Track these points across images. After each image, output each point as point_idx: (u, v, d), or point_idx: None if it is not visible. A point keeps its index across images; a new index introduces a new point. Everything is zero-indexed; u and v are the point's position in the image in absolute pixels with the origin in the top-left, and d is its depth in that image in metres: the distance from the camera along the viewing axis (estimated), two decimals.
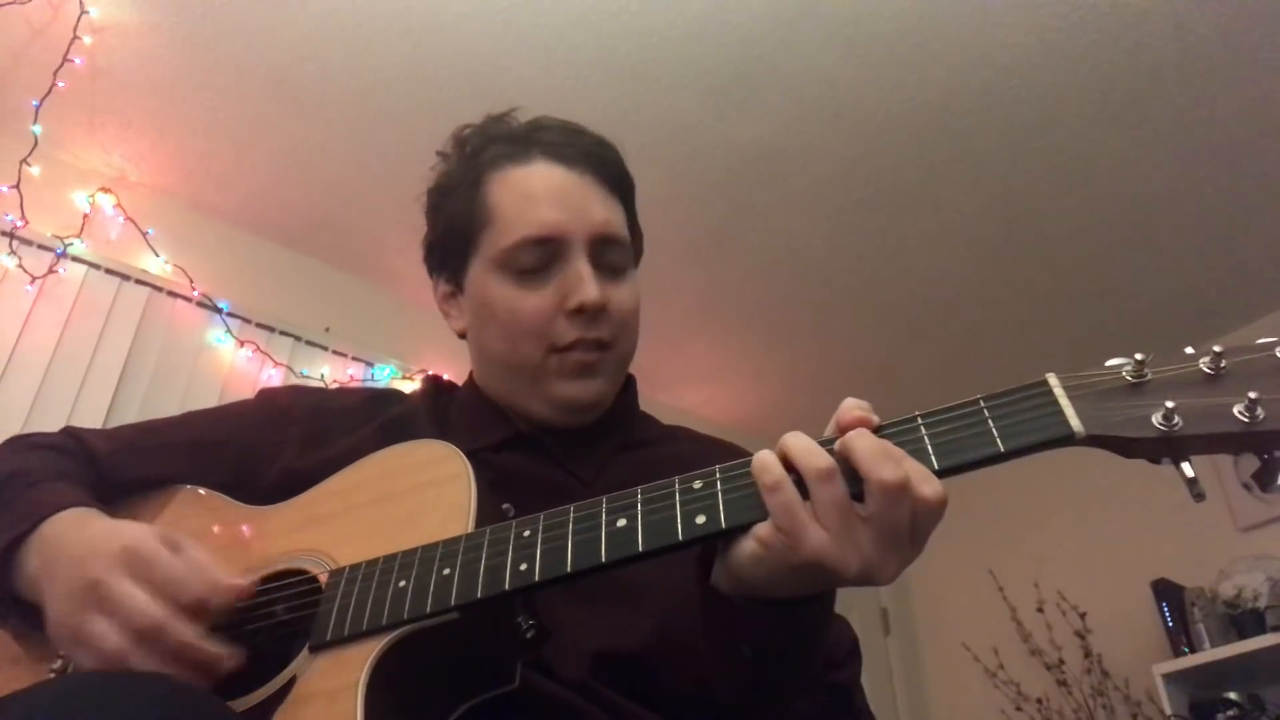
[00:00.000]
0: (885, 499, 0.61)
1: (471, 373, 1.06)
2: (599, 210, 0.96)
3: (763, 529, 0.63)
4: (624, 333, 0.97)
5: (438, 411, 1.03)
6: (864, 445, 0.62)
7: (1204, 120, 2.52)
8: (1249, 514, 3.07)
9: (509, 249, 0.93)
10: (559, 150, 0.97)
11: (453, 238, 0.99)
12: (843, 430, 0.65)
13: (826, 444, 0.64)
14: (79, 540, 0.77)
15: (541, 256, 0.93)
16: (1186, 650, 2.86)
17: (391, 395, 1.10)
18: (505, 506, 0.85)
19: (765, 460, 0.64)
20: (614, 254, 0.97)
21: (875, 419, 0.65)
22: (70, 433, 0.99)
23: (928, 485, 0.61)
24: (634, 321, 0.99)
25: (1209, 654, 2.78)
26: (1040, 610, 3.28)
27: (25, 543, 0.80)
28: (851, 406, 0.66)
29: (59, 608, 0.74)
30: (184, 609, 0.71)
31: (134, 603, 0.70)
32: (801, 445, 0.63)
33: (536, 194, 0.94)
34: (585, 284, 0.92)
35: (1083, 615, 3.20)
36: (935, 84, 2.45)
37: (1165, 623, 2.95)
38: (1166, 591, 2.98)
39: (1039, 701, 3.22)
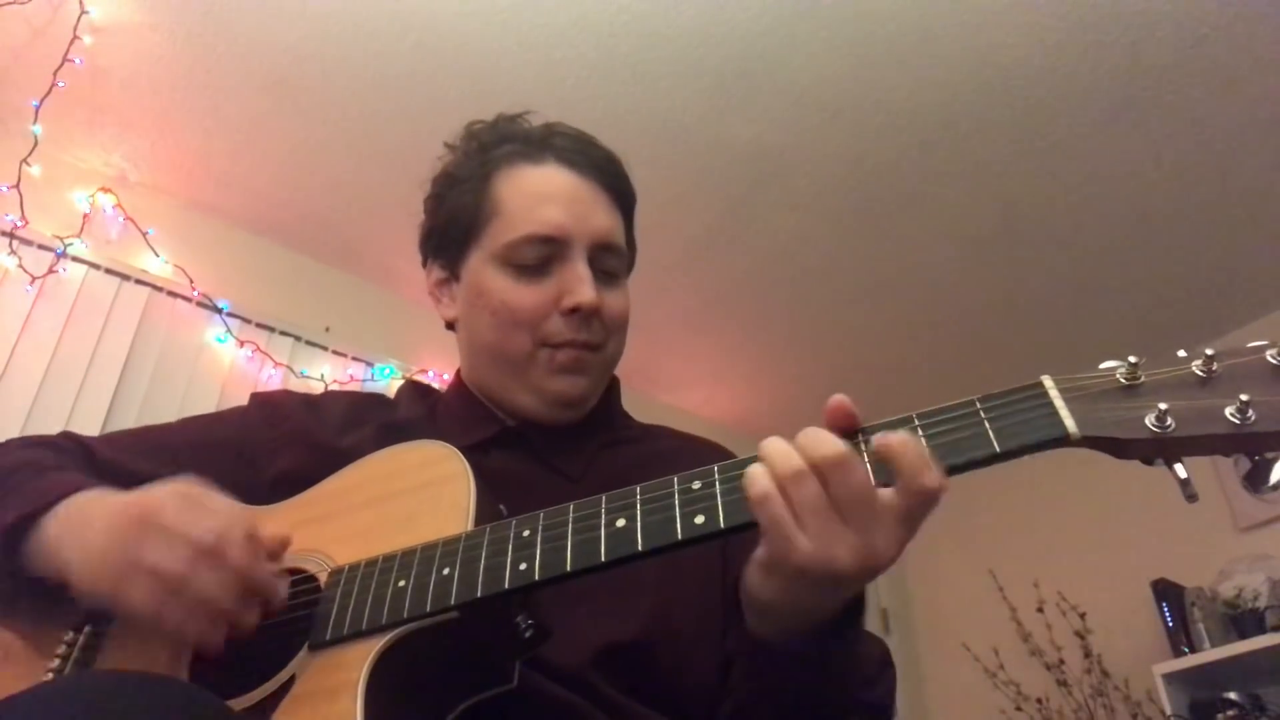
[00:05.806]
0: (834, 469, 0.61)
1: (459, 370, 1.08)
2: (603, 218, 0.99)
3: (760, 547, 0.65)
4: (613, 337, 1.00)
5: (424, 412, 1.05)
6: (806, 434, 0.63)
7: (1204, 120, 2.52)
8: (1249, 514, 3.07)
9: (512, 243, 0.96)
10: (571, 156, 1.00)
11: (455, 226, 1.01)
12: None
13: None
14: (109, 501, 0.77)
15: (543, 254, 0.95)
16: (1186, 650, 2.86)
17: (383, 398, 1.11)
18: (499, 508, 0.85)
19: (753, 473, 0.63)
20: (611, 261, 1.00)
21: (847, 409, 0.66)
22: (66, 434, 0.99)
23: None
24: (623, 327, 1.02)
25: (1209, 654, 2.77)
26: (1040, 610, 3.27)
27: (39, 521, 0.79)
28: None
29: (103, 544, 0.72)
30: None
31: (196, 522, 0.70)
32: (774, 449, 0.64)
33: (545, 193, 0.97)
34: (583, 285, 0.94)
35: (1083, 615, 3.19)
36: (935, 84, 2.45)
37: (1165, 623, 2.95)
38: (1166, 591, 2.98)
39: (1039, 701, 3.21)
